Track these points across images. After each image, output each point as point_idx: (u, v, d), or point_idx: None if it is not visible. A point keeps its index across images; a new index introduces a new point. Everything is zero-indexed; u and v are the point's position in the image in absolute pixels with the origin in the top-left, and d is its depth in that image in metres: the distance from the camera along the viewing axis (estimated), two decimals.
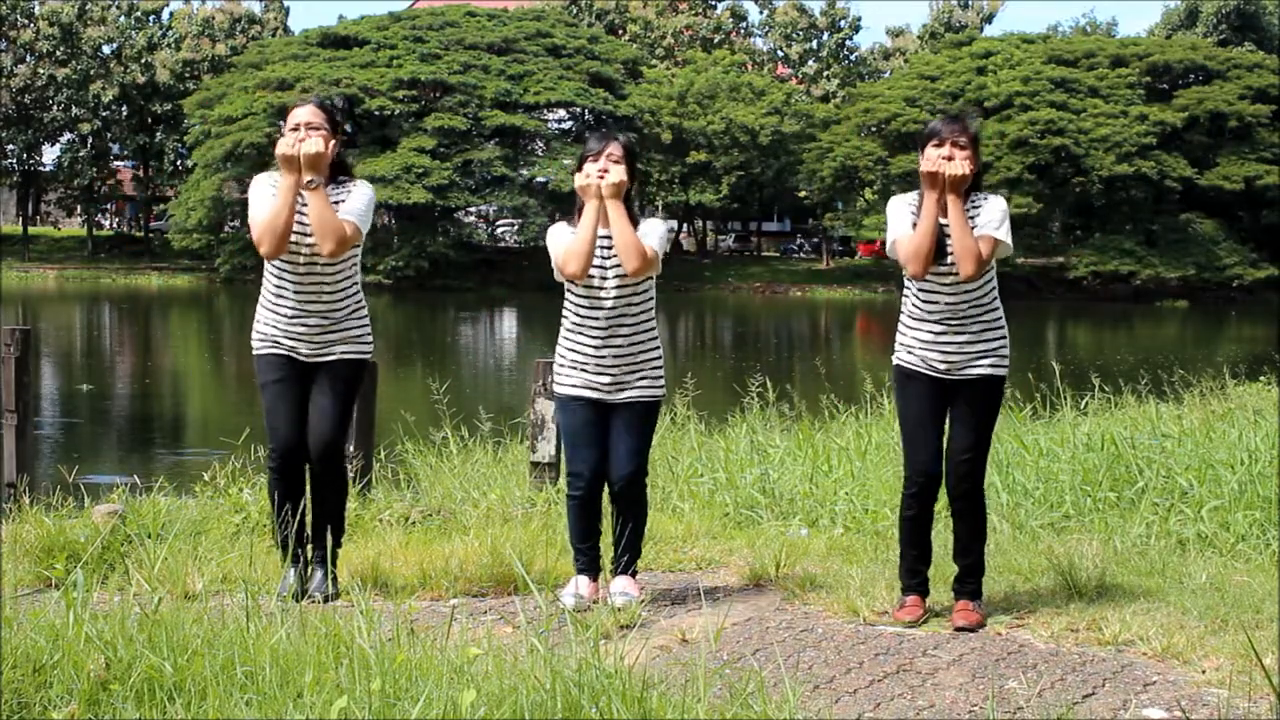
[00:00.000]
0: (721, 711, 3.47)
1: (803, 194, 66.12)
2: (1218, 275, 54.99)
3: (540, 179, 56.65)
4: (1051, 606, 5.15)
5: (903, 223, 5.08)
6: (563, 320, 5.33)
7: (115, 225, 76.44)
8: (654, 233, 5.24)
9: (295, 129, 5.25)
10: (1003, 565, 5.74)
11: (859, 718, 4.01)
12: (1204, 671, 4.38)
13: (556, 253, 5.25)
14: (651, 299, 5.31)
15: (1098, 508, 7.19)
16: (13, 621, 3.82)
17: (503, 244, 64.06)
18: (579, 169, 5.29)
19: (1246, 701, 4.05)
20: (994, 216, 5.01)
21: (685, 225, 70.66)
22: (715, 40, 69.12)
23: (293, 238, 5.19)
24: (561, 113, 60.84)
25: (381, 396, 8.66)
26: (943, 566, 5.34)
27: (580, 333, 5.26)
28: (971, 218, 5.01)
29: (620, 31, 68.72)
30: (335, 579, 5.35)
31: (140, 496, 6.64)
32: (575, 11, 67.94)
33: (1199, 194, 55.84)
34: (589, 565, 5.33)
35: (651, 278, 5.29)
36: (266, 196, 5.25)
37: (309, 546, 5.36)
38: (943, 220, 4.99)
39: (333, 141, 5.25)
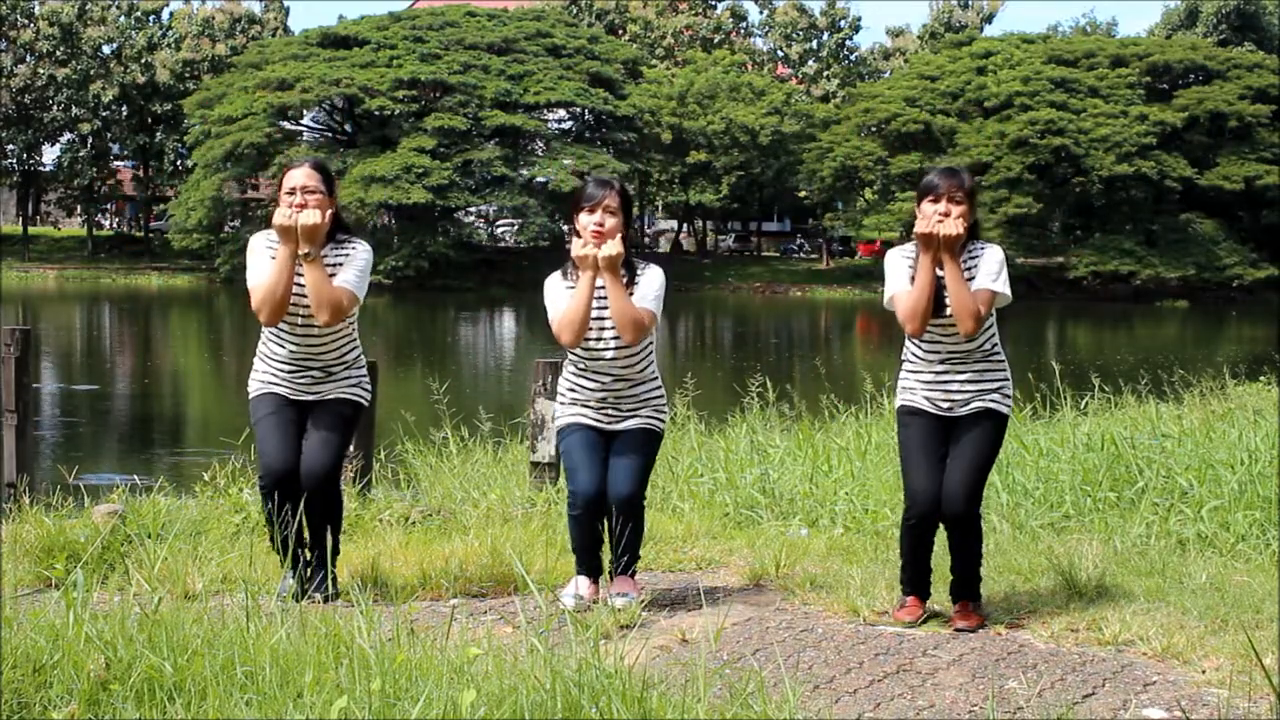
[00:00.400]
0: (721, 711, 3.47)
1: (803, 194, 66.13)
2: (1218, 275, 54.98)
3: (540, 179, 56.64)
4: (1051, 606, 5.15)
5: (900, 278, 5.08)
6: (566, 361, 5.37)
7: (115, 225, 76.44)
8: (652, 293, 5.23)
9: (291, 193, 5.18)
10: (1003, 565, 5.74)
11: (859, 718, 4.01)
12: (1204, 671, 4.38)
13: (553, 316, 5.26)
14: (651, 343, 5.33)
15: (1098, 508, 7.19)
16: (13, 621, 3.82)
17: (503, 244, 64.05)
18: (574, 214, 5.24)
19: (1246, 701, 4.05)
20: (992, 268, 5.00)
21: (685, 225, 70.69)
22: (715, 40, 69.13)
23: (290, 302, 5.22)
24: (561, 113, 60.81)
25: (381, 396, 8.65)
26: (941, 567, 5.34)
27: (581, 378, 5.30)
28: (969, 269, 5.01)
29: (620, 31, 68.73)
30: (335, 579, 5.35)
31: (140, 496, 6.64)
32: (575, 11, 67.93)
33: (1199, 194, 55.83)
34: (589, 568, 5.33)
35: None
36: (264, 261, 5.24)
37: (307, 549, 5.36)
38: (940, 273, 5.00)
39: (330, 209, 5.22)
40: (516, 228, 61.03)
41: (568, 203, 5.58)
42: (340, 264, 5.25)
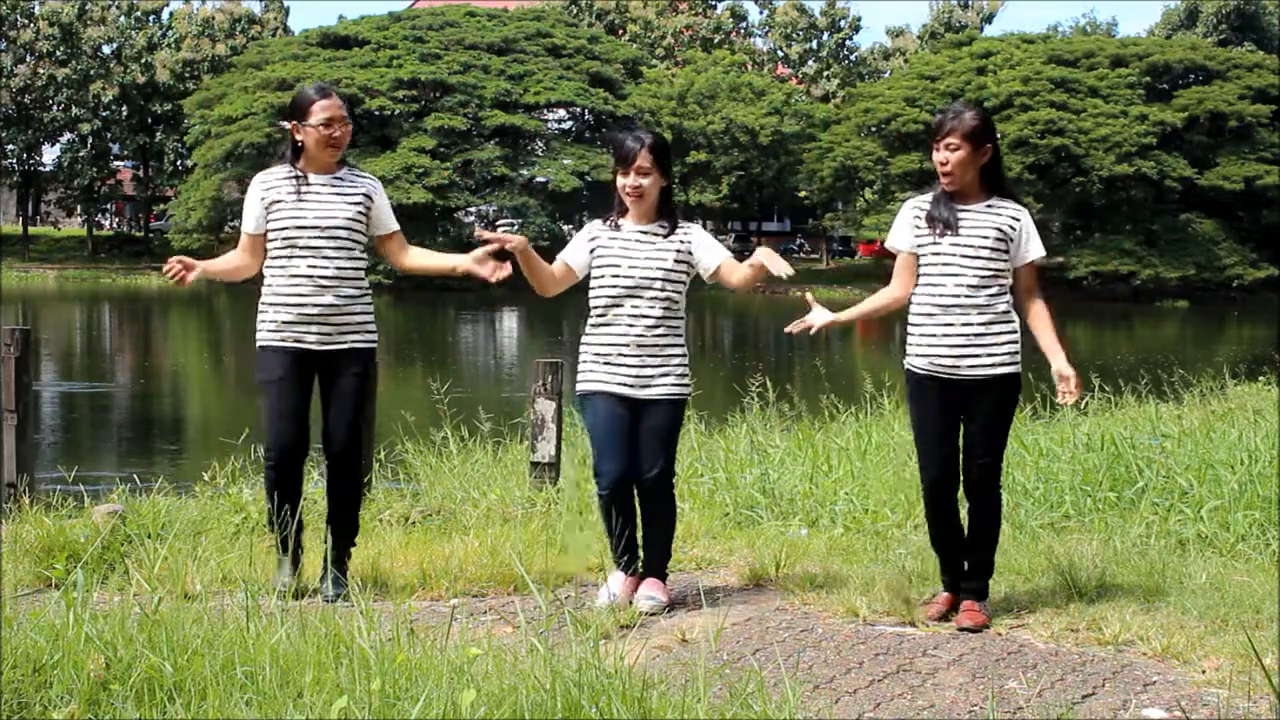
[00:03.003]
0: (721, 711, 3.47)
1: (803, 194, 66.13)
2: (1218, 275, 54.99)
3: (540, 179, 56.66)
4: (1051, 606, 5.15)
5: (900, 233, 5.14)
6: (589, 318, 5.34)
7: (115, 225, 76.44)
8: (714, 242, 5.36)
9: (329, 125, 5.28)
10: (1003, 565, 5.73)
11: (859, 718, 4.01)
12: (1204, 671, 4.38)
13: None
14: (677, 303, 5.27)
15: (1098, 508, 7.18)
16: (13, 621, 3.81)
17: None
18: (614, 174, 5.36)
19: (1246, 701, 4.05)
20: (1033, 239, 5.03)
21: None
22: (715, 40, 69.13)
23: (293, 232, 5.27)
24: (561, 113, 60.85)
25: (382, 396, 8.65)
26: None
27: (605, 326, 5.25)
28: (979, 224, 4.99)
29: (620, 31, 68.73)
30: (339, 579, 5.31)
31: (140, 496, 6.64)
32: (575, 11, 67.94)
33: (1199, 194, 55.84)
34: (625, 560, 5.28)
35: (682, 282, 5.26)
36: (254, 209, 5.36)
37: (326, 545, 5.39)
38: (958, 206, 5.01)
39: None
40: (516, 228, 61.04)
41: (568, 203, 5.62)
42: (367, 190, 5.37)
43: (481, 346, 36.00)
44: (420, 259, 5.47)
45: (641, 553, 5.36)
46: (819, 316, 5.23)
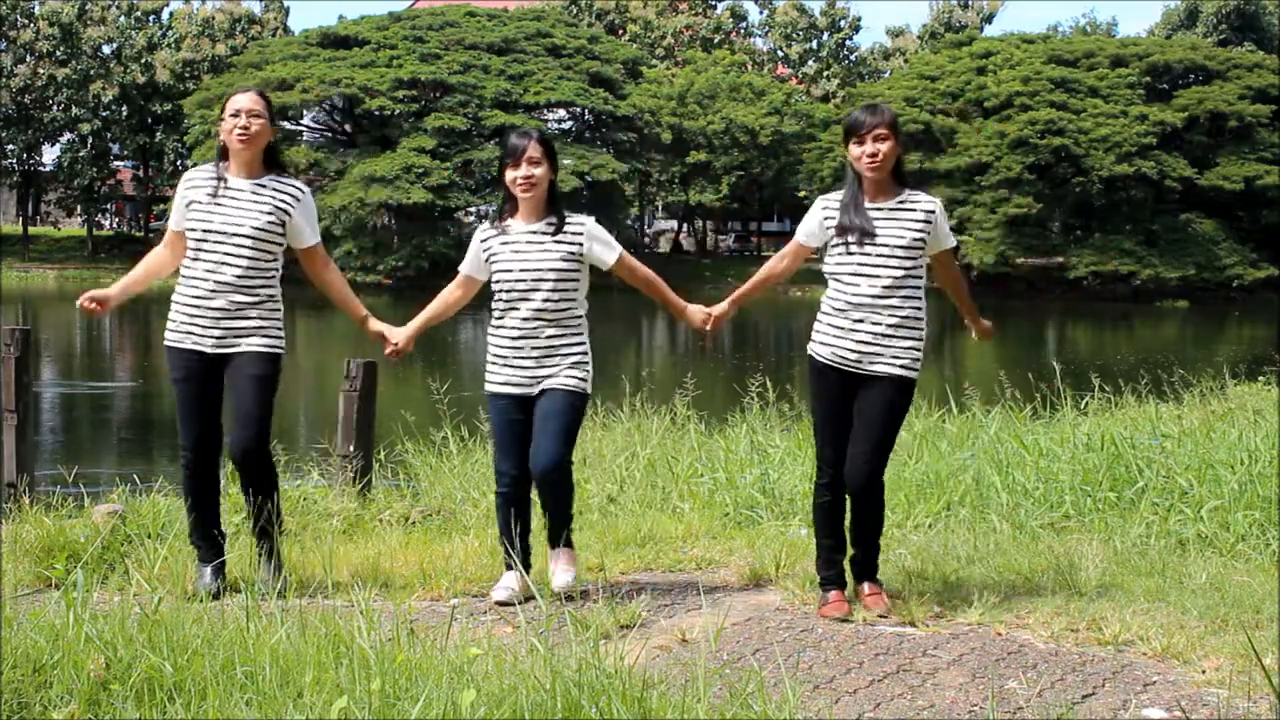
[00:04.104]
0: (721, 711, 3.47)
1: (803, 194, 66.07)
2: (1218, 275, 54.95)
3: None
4: (1051, 606, 5.15)
5: (808, 224, 5.33)
6: (491, 318, 5.43)
7: (115, 225, 76.44)
8: (609, 241, 5.38)
9: (236, 115, 5.37)
10: (1003, 565, 5.74)
11: (859, 718, 4.01)
12: (1204, 671, 4.38)
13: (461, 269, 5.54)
14: (574, 299, 5.31)
15: (1098, 508, 7.18)
16: (13, 621, 3.82)
17: None
18: (502, 173, 5.36)
19: (1246, 701, 4.05)
20: (946, 225, 5.14)
21: (685, 225, 70.65)
22: (715, 40, 69.14)
23: (206, 238, 5.28)
24: (561, 113, 60.83)
25: (382, 397, 8.66)
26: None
27: (501, 326, 5.36)
28: (899, 217, 5.06)
29: (620, 31, 68.74)
30: (280, 566, 5.30)
31: (140, 496, 6.64)
32: (575, 11, 67.95)
33: (1199, 194, 55.81)
34: (521, 560, 5.29)
35: (574, 280, 5.29)
36: (179, 210, 5.42)
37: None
38: (870, 205, 5.10)
39: (270, 137, 5.45)
40: None
41: (568, 203, 5.64)
42: (285, 201, 5.34)
43: (481, 347, 35.95)
44: (337, 289, 5.48)
45: (546, 534, 5.38)
46: (716, 314, 5.42)
